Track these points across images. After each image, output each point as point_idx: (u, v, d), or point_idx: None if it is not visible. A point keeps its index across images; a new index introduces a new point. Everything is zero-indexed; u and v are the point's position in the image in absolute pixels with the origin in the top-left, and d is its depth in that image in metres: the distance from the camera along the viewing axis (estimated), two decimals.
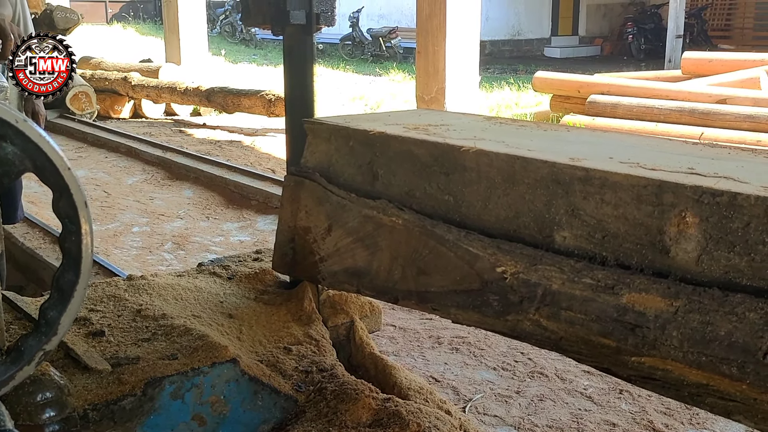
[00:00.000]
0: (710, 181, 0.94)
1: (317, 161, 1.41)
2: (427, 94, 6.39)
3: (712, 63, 7.97)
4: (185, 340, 1.30)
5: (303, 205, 1.42)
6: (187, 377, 1.21)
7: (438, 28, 6.14)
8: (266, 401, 1.27)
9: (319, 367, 1.36)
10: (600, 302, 1.00)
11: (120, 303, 1.46)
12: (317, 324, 1.47)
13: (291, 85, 1.53)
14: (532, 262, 1.08)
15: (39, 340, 0.87)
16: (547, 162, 1.08)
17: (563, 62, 15.32)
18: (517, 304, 1.09)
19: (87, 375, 1.18)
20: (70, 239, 0.85)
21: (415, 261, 1.23)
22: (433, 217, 1.22)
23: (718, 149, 1.23)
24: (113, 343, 1.30)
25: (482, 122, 1.49)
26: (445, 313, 1.20)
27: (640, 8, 17.59)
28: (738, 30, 16.94)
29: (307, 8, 1.48)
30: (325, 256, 1.38)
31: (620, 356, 0.99)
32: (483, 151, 1.16)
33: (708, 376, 0.90)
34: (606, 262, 1.02)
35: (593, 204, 1.03)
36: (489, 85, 11.02)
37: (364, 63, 15.46)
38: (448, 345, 2.90)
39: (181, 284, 1.56)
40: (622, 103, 7.31)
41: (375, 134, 1.31)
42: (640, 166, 1.04)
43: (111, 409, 1.13)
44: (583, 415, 2.38)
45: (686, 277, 0.94)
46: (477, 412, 2.40)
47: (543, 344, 1.09)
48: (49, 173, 0.82)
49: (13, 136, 0.78)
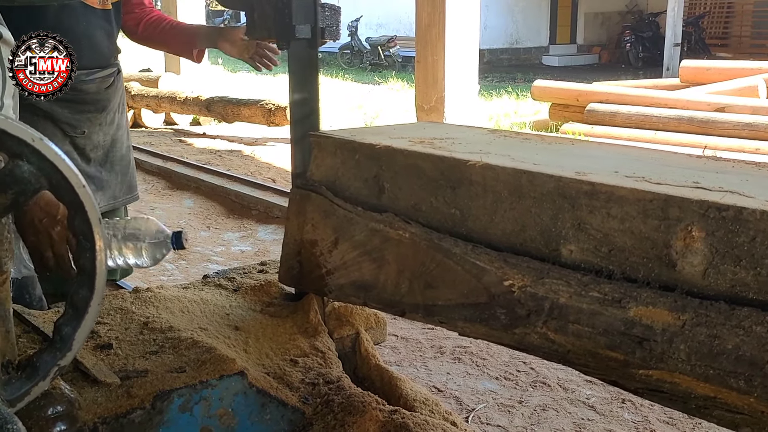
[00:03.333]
0: (716, 196, 0.95)
1: (323, 175, 1.42)
2: (427, 104, 6.41)
3: (710, 71, 8.01)
4: (193, 353, 1.31)
5: (309, 218, 1.43)
6: (195, 390, 1.21)
7: (437, 37, 6.17)
8: (274, 414, 1.27)
9: (325, 379, 1.37)
10: (607, 315, 1.01)
11: (127, 316, 1.47)
12: (323, 336, 1.47)
13: (296, 99, 1.54)
14: (539, 276, 1.08)
15: (54, 355, 0.88)
16: (553, 176, 1.09)
17: (561, 71, 15.37)
18: (524, 317, 1.09)
19: (96, 388, 1.19)
20: (84, 256, 0.86)
21: (422, 274, 1.23)
22: (440, 230, 1.23)
23: (722, 162, 1.24)
24: (121, 356, 1.31)
25: (487, 135, 1.50)
26: (452, 326, 1.21)
27: (637, 16, 17.67)
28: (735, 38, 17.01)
29: (312, 23, 1.49)
30: (332, 269, 1.39)
31: (628, 369, 0.99)
32: (489, 165, 1.17)
33: (715, 389, 0.91)
34: (613, 276, 1.02)
35: (599, 218, 1.04)
36: (488, 93, 11.05)
37: (362, 72, 15.50)
38: (451, 355, 2.91)
39: (187, 296, 1.57)
40: (620, 112, 7.34)
41: (381, 148, 1.32)
42: (645, 180, 1.05)
43: (120, 422, 1.14)
44: (585, 424, 2.39)
45: (693, 291, 0.95)
46: (480, 422, 2.40)
47: (550, 357, 1.09)
48: (65, 191, 0.83)
49: (30, 154, 0.79)
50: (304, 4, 1.47)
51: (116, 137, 2.24)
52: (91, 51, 2.09)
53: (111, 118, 2.20)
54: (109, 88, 2.18)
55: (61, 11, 2.01)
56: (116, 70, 2.22)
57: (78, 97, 2.10)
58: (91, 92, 2.12)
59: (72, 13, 2.03)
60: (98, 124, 2.17)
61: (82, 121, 2.13)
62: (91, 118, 2.15)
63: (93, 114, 2.15)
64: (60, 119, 2.10)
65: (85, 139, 2.15)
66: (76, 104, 2.11)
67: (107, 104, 2.18)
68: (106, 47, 2.14)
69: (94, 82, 2.12)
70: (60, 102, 2.05)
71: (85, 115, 2.13)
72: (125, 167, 2.28)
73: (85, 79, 2.09)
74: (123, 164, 2.27)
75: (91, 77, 2.11)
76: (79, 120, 2.13)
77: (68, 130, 2.12)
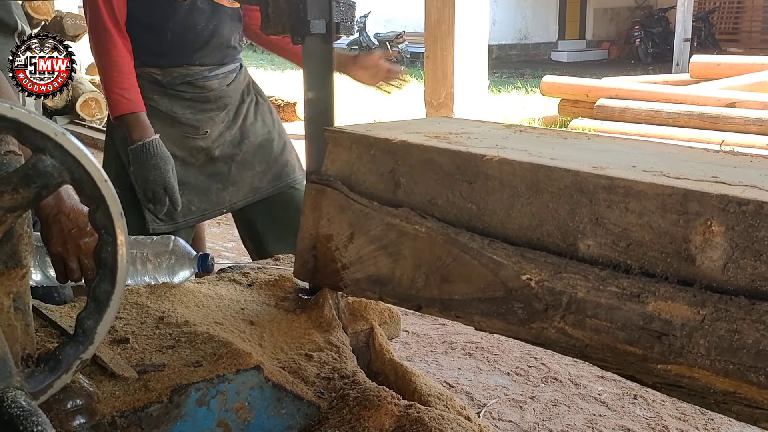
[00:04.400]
0: (736, 190, 0.95)
1: (338, 169, 1.42)
2: (436, 99, 6.40)
3: (720, 66, 7.96)
4: (209, 347, 1.31)
5: (325, 213, 1.43)
6: (212, 384, 1.22)
7: (447, 33, 6.14)
8: (289, 408, 1.28)
9: (340, 373, 1.37)
10: (626, 310, 1.00)
11: (143, 310, 1.47)
12: (338, 331, 1.48)
13: (311, 95, 1.54)
14: (557, 270, 1.08)
15: (76, 349, 0.89)
16: (570, 171, 1.09)
17: (570, 66, 15.31)
18: (542, 312, 1.09)
19: (114, 382, 1.19)
20: (106, 249, 0.87)
21: (439, 269, 1.24)
22: (456, 225, 1.23)
23: (740, 157, 1.23)
24: (138, 350, 1.31)
25: (502, 130, 1.50)
26: (469, 320, 1.21)
27: (647, 12, 17.59)
28: (746, 33, 16.91)
29: (327, 18, 1.49)
30: (348, 263, 1.39)
31: (646, 364, 0.99)
32: (506, 159, 1.17)
33: (735, 384, 0.91)
34: (631, 271, 1.02)
35: (617, 212, 1.04)
36: (497, 89, 11.03)
37: None
38: (462, 350, 2.91)
39: (202, 291, 1.58)
40: (630, 107, 7.31)
41: (396, 143, 1.32)
42: (663, 174, 1.05)
43: (138, 416, 1.15)
44: (597, 420, 2.39)
45: (712, 286, 0.94)
46: (491, 417, 2.41)
47: (568, 352, 1.09)
48: (87, 185, 0.83)
49: (52, 149, 0.80)
50: (318, 0, 1.47)
51: (246, 130, 2.23)
52: (217, 48, 2.12)
53: (235, 114, 2.21)
54: (231, 84, 2.20)
55: (192, 8, 2.04)
56: (239, 65, 2.25)
57: (200, 95, 2.12)
58: (213, 89, 2.14)
59: (201, 9, 2.06)
60: (221, 122, 2.18)
61: (203, 121, 2.15)
62: (213, 117, 2.16)
63: (215, 113, 2.16)
64: (182, 121, 2.12)
65: (207, 139, 2.15)
66: (199, 103, 2.12)
67: (228, 101, 2.19)
68: (232, 44, 2.17)
69: (217, 78, 2.14)
70: (182, 101, 2.12)
71: (207, 114, 2.14)
72: (266, 157, 2.25)
73: (208, 75, 2.11)
74: (262, 155, 2.25)
75: (213, 73, 2.13)
76: (201, 120, 2.14)
77: (189, 132, 2.13)
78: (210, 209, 2.22)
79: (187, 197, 2.13)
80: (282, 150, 2.30)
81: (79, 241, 1.34)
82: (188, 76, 2.11)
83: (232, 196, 2.23)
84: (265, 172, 2.25)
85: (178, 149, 2.13)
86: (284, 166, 2.29)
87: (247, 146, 2.22)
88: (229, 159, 2.19)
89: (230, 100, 2.19)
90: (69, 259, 1.35)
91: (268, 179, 2.26)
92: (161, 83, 2.10)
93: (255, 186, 2.24)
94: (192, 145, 2.14)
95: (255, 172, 2.23)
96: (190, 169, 2.15)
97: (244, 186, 2.22)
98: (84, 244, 1.34)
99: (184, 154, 2.14)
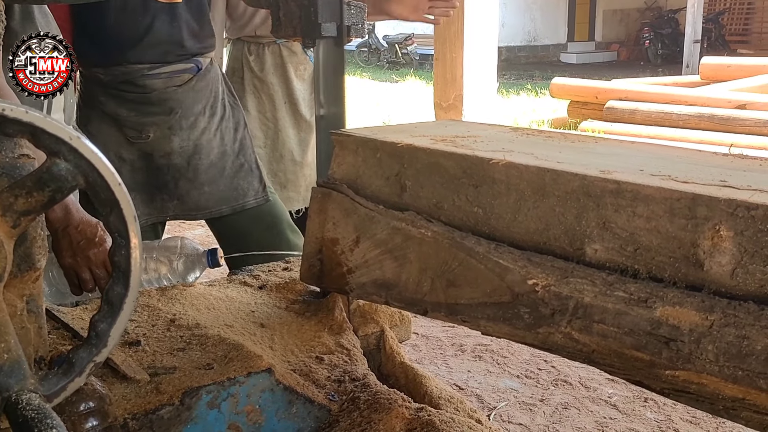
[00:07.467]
0: (745, 194, 0.95)
1: (344, 173, 1.43)
2: (445, 101, 6.40)
3: (731, 68, 7.92)
4: (220, 350, 1.32)
5: (330, 216, 1.43)
6: (223, 387, 1.23)
7: (456, 35, 6.15)
8: (300, 411, 1.29)
9: (351, 376, 1.38)
10: (633, 315, 1.01)
11: (154, 313, 1.48)
12: (348, 333, 1.48)
13: (322, 97, 1.55)
14: (564, 275, 1.09)
15: (90, 351, 0.90)
16: (577, 174, 1.09)
17: (580, 68, 15.27)
18: (548, 316, 1.10)
19: (126, 384, 1.20)
20: (119, 253, 0.88)
21: (445, 273, 1.24)
22: (462, 229, 1.23)
23: (749, 161, 1.23)
24: (149, 352, 1.33)
25: (509, 133, 1.50)
26: (475, 325, 1.21)
27: (657, 13, 17.51)
28: (756, 35, 16.80)
29: (338, 21, 1.50)
30: (353, 267, 1.40)
31: (654, 370, 0.99)
32: (512, 163, 1.17)
33: (744, 390, 0.91)
34: (638, 276, 1.02)
35: (625, 217, 1.04)
36: (506, 91, 11.01)
37: (380, 70, 15.49)
38: (471, 353, 2.92)
39: (212, 294, 1.59)
40: (640, 109, 7.29)
41: (403, 146, 1.33)
42: (671, 178, 1.05)
43: (150, 418, 1.16)
44: (608, 423, 2.39)
45: (720, 291, 0.94)
46: (501, 420, 2.41)
47: (575, 357, 1.10)
48: (101, 189, 0.85)
49: (67, 152, 0.81)
50: (330, 2, 1.48)
51: (200, 144, 2.09)
52: (156, 45, 2.00)
53: (191, 122, 2.07)
54: (182, 86, 2.05)
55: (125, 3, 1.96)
56: (193, 67, 2.07)
57: (142, 96, 2.02)
58: (156, 89, 2.02)
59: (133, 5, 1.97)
60: (167, 127, 2.05)
61: (146, 125, 2.04)
62: (157, 121, 2.04)
63: (159, 117, 2.04)
64: (125, 123, 2.04)
65: (150, 144, 2.05)
66: (142, 105, 2.03)
67: (176, 105, 2.05)
68: (181, 42, 2.03)
69: (160, 77, 2.02)
70: (126, 102, 2.03)
71: (150, 118, 2.04)
72: (215, 177, 2.12)
73: (147, 74, 2.00)
74: (213, 175, 2.12)
75: (155, 72, 2.02)
76: (144, 123, 2.04)
77: (132, 136, 2.04)
78: (154, 214, 2.13)
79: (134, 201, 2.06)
80: (236, 172, 2.16)
81: (89, 252, 1.36)
82: (127, 74, 2.00)
83: (176, 208, 2.13)
84: (212, 193, 2.13)
85: (126, 152, 2.05)
86: (233, 190, 2.15)
87: (197, 162, 2.10)
88: (177, 173, 2.09)
89: (179, 104, 2.05)
90: (81, 270, 1.37)
91: (215, 200, 2.13)
92: (104, 83, 2.02)
93: (201, 205, 2.12)
94: (137, 148, 2.05)
95: (202, 192, 2.11)
96: (137, 174, 2.07)
97: (189, 202, 2.11)
98: (94, 254, 1.36)
99: (132, 158, 2.06)
